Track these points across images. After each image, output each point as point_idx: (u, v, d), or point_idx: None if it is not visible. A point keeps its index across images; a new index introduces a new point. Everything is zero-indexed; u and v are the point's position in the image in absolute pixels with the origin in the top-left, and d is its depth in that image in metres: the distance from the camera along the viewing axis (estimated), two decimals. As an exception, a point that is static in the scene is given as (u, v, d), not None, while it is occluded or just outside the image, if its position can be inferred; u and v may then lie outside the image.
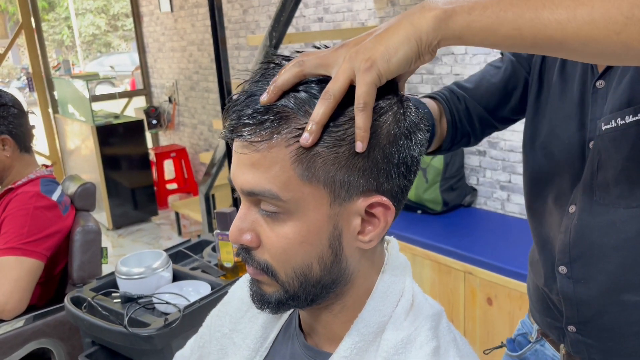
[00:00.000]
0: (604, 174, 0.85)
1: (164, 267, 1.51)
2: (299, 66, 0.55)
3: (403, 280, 0.67)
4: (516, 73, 1.02)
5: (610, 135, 0.83)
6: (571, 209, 0.91)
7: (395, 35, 0.54)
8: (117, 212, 4.71)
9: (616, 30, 0.51)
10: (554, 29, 0.53)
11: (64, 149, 5.30)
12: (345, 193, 0.57)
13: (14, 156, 1.80)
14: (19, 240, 1.67)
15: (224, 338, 0.79)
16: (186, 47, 5.16)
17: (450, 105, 1.02)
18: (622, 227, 0.86)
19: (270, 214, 0.58)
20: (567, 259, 0.92)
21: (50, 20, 16.53)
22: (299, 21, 3.72)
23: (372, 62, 0.53)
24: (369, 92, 0.53)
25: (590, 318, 0.92)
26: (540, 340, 1.06)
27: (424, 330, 0.62)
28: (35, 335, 1.68)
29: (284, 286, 0.61)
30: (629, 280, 0.87)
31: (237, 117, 0.56)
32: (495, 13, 0.54)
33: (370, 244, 0.60)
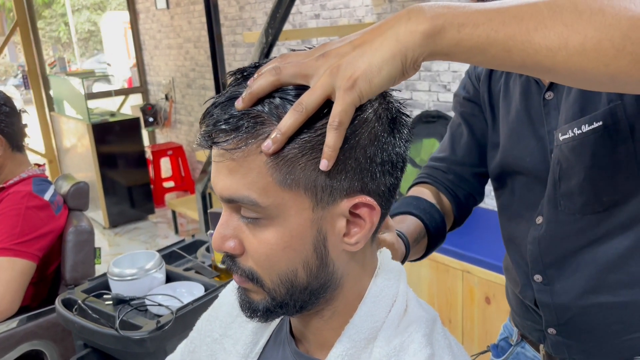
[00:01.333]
0: (567, 183, 0.85)
1: (157, 268, 1.49)
2: (275, 75, 0.52)
3: (397, 285, 0.65)
4: (477, 119, 1.04)
5: (568, 145, 0.83)
6: (538, 220, 0.91)
7: (379, 51, 0.51)
8: (113, 211, 4.68)
9: (605, 62, 0.49)
10: (544, 55, 0.50)
11: (60, 147, 5.27)
12: (328, 196, 0.55)
13: (6, 155, 1.78)
14: (11, 241, 1.65)
15: (214, 343, 0.78)
16: (182, 44, 5.13)
17: (441, 183, 1.03)
18: (591, 232, 0.86)
19: (252, 220, 0.56)
20: (541, 267, 0.93)
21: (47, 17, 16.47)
22: (296, 18, 3.70)
23: (353, 81, 0.50)
24: (346, 112, 0.51)
25: (569, 320, 0.92)
26: (520, 342, 1.07)
27: (418, 337, 0.60)
28: (28, 337, 1.66)
29: (271, 293, 0.59)
30: (604, 281, 0.88)
31: (212, 124, 0.55)
32: (486, 32, 0.50)
33: (356, 246, 0.59)
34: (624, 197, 0.83)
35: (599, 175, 0.82)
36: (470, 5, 0.51)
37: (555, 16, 0.49)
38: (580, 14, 0.49)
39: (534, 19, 0.49)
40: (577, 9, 0.49)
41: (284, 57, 0.54)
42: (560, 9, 0.49)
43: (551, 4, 0.50)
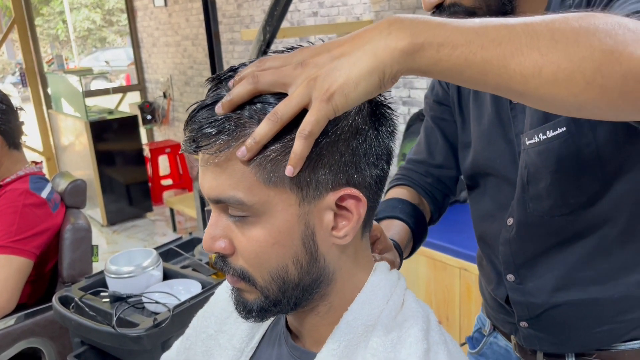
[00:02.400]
0: (535, 187, 0.87)
1: (154, 265, 1.49)
2: (253, 83, 0.53)
3: (395, 282, 0.66)
4: (447, 123, 1.06)
5: (535, 150, 0.85)
6: (509, 221, 0.93)
7: (357, 65, 0.50)
8: (111, 209, 4.68)
9: (575, 92, 0.49)
10: (517, 81, 0.50)
11: (58, 144, 5.27)
12: (313, 191, 0.56)
13: (3, 153, 1.78)
14: (8, 239, 1.65)
15: (209, 339, 0.78)
16: (180, 41, 5.12)
17: (420, 185, 1.07)
18: (560, 233, 0.89)
19: (240, 219, 0.57)
20: (513, 268, 0.96)
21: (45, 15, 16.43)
22: (294, 15, 3.69)
23: (330, 94, 0.50)
24: (318, 123, 0.51)
25: (540, 315, 0.95)
26: (493, 332, 1.11)
27: (415, 331, 0.60)
28: (25, 334, 1.65)
29: (264, 292, 0.60)
30: (574, 279, 0.91)
31: (196, 129, 0.56)
32: (464, 54, 0.50)
33: (345, 239, 0.59)
34: (589, 199, 0.85)
35: (565, 178, 0.85)
36: (450, 22, 0.51)
37: (532, 43, 0.49)
38: (556, 43, 0.49)
39: (511, 44, 0.49)
40: (553, 38, 0.49)
41: (262, 62, 0.54)
42: (537, 36, 0.49)
43: (529, 29, 0.49)
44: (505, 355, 1.08)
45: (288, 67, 0.52)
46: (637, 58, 0.48)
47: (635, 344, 0.91)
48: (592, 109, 0.51)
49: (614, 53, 0.48)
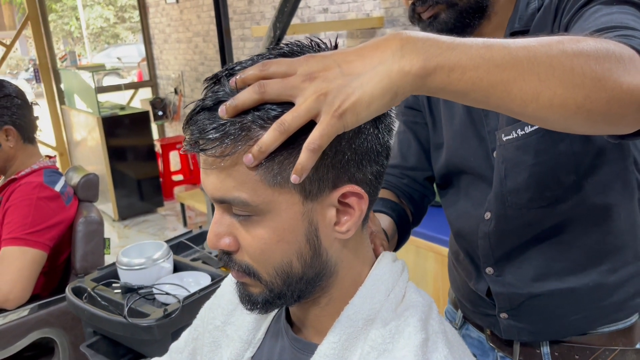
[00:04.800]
0: (514, 180, 0.91)
1: (164, 258, 1.51)
2: (260, 94, 0.53)
3: (398, 274, 0.67)
4: (419, 126, 1.09)
5: (513, 145, 0.89)
6: (487, 215, 0.96)
7: (369, 85, 0.51)
8: (123, 203, 4.73)
9: (566, 116, 0.54)
10: (517, 104, 0.53)
11: (71, 140, 5.32)
12: (316, 189, 0.58)
13: (18, 147, 1.81)
14: (22, 231, 1.68)
15: (216, 330, 0.80)
16: (192, 38, 5.15)
17: (397, 187, 1.09)
18: (537, 225, 0.93)
19: (244, 217, 0.59)
20: (492, 261, 0.98)
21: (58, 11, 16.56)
22: (304, 12, 3.70)
23: (342, 111, 0.51)
24: (328, 138, 0.52)
25: (521, 305, 0.98)
26: (464, 324, 1.14)
27: (413, 321, 0.62)
28: (39, 324, 1.69)
29: (268, 286, 0.62)
30: (551, 269, 0.95)
31: (198, 132, 0.56)
32: (472, 79, 0.52)
33: (347, 234, 0.61)
34: (564, 192, 0.89)
35: (543, 171, 0.89)
36: (458, 45, 0.52)
37: (532, 69, 0.52)
38: (553, 70, 0.52)
39: (514, 70, 0.52)
40: (551, 65, 0.52)
41: (266, 65, 0.54)
42: (538, 62, 0.52)
43: (530, 56, 0.52)
44: (478, 346, 1.11)
45: (296, 78, 0.52)
46: (619, 85, 0.53)
47: (605, 328, 0.95)
48: (577, 128, 0.57)
49: (601, 80, 0.52)
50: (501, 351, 1.05)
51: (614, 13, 0.69)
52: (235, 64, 0.60)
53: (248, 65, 0.57)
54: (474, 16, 0.86)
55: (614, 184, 0.90)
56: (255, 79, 0.54)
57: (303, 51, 0.59)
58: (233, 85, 0.56)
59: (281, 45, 0.61)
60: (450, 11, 0.85)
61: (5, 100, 1.78)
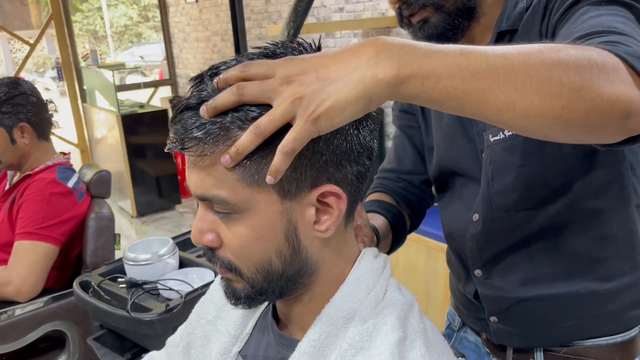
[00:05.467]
0: (501, 181, 0.90)
1: (170, 254, 1.54)
2: (238, 95, 0.54)
3: (379, 272, 0.68)
4: (414, 130, 1.09)
5: (500, 146, 0.88)
6: (475, 217, 0.95)
7: (343, 91, 0.52)
8: (141, 200, 4.79)
9: (543, 125, 0.54)
10: (492, 113, 0.53)
11: (92, 137, 5.42)
12: (295, 189, 0.58)
13: (32, 143, 1.85)
14: (35, 225, 1.72)
15: (208, 325, 0.81)
16: (210, 37, 5.20)
17: (394, 191, 1.09)
18: (525, 227, 0.91)
19: (225, 215, 0.60)
20: (480, 263, 0.97)
21: (84, 11, 16.85)
22: (320, 11, 3.71)
23: (316, 116, 0.52)
24: (301, 142, 0.53)
25: (509, 308, 0.97)
26: (462, 327, 1.13)
27: (391, 319, 0.62)
28: (50, 317, 1.73)
29: (250, 282, 0.63)
30: (540, 274, 0.93)
31: (181, 131, 0.57)
32: (446, 88, 0.52)
33: (327, 233, 0.61)
34: (553, 194, 0.88)
35: (530, 173, 0.87)
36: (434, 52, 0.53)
37: (509, 78, 0.52)
38: (530, 80, 0.52)
39: (490, 79, 0.52)
40: (528, 74, 0.52)
41: (246, 66, 0.55)
42: (515, 72, 0.52)
43: (507, 65, 0.52)
44: (475, 350, 1.10)
45: (274, 81, 0.53)
46: (599, 96, 0.52)
47: (602, 340, 0.92)
48: (556, 137, 0.57)
49: (580, 91, 0.52)
50: (495, 356, 1.04)
51: (602, 15, 0.67)
52: (221, 64, 0.61)
53: (232, 66, 0.58)
54: (463, 17, 0.86)
55: (606, 189, 0.88)
56: (236, 79, 0.55)
57: (286, 52, 0.60)
58: (215, 85, 0.57)
59: (265, 45, 0.62)
60: (438, 14, 0.85)
61: (20, 98, 1.82)
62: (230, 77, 0.56)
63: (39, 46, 15.81)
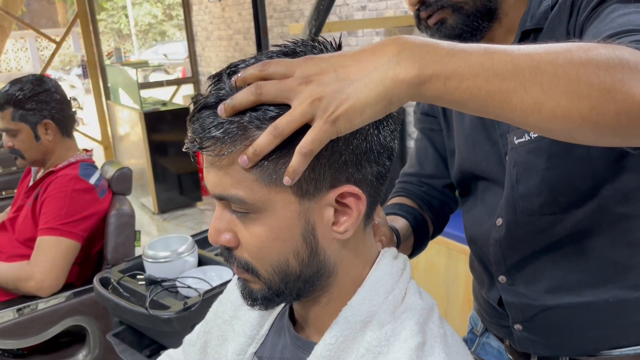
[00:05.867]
0: (525, 185, 0.87)
1: (189, 251, 1.54)
2: (256, 95, 0.53)
3: (399, 275, 0.66)
4: (436, 133, 1.06)
5: (525, 148, 0.86)
6: (498, 221, 0.93)
7: (363, 92, 0.51)
8: (163, 197, 4.82)
9: (570, 127, 0.51)
10: (517, 115, 0.51)
11: (115, 134, 5.48)
12: (313, 189, 0.57)
13: (56, 140, 1.88)
14: (57, 221, 1.74)
15: (224, 324, 0.81)
16: (232, 35, 5.22)
17: (416, 195, 1.07)
18: (550, 232, 0.88)
19: (242, 214, 0.59)
20: (504, 269, 0.95)
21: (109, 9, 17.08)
22: (342, 9, 3.70)
23: (335, 117, 0.51)
24: (320, 143, 0.52)
25: (534, 317, 0.94)
26: (485, 332, 1.10)
27: (410, 324, 0.61)
28: (71, 312, 1.75)
29: (267, 283, 0.62)
30: (566, 282, 0.90)
31: (199, 131, 0.57)
32: (469, 88, 0.50)
33: (346, 235, 0.60)
34: (580, 198, 0.85)
35: (556, 176, 0.84)
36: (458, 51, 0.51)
37: (535, 79, 0.50)
38: (557, 80, 0.50)
39: (515, 80, 0.50)
40: (555, 74, 0.50)
41: (265, 65, 0.54)
42: (541, 72, 0.50)
43: (533, 64, 0.50)
44: (497, 356, 1.07)
45: (292, 81, 0.52)
46: (631, 97, 0.49)
47: (630, 350, 0.89)
48: (584, 139, 0.54)
49: (610, 92, 0.49)
50: None
51: (631, 13, 0.65)
52: (240, 62, 0.60)
53: (251, 64, 0.57)
54: (483, 19, 0.84)
55: (636, 194, 0.84)
56: (255, 78, 0.54)
57: (306, 50, 0.59)
58: (233, 84, 0.56)
59: (285, 43, 0.61)
60: (456, 16, 0.83)
61: (44, 95, 1.85)
62: (248, 76, 0.55)
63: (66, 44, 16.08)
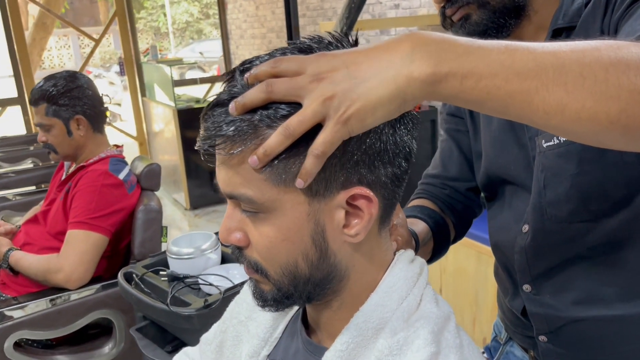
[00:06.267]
0: (554, 191, 0.83)
1: (212, 249, 1.54)
2: (267, 93, 0.52)
3: (414, 280, 0.64)
4: (462, 134, 1.03)
5: (554, 152, 0.82)
6: (524, 228, 0.89)
7: (376, 90, 0.49)
8: (195, 193, 4.88)
9: (596, 131, 0.48)
10: (539, 117, 0.48)
11: (150, 130, 5.58)
12: (324, 190, 0.56)
13: (88, 135, 1.91)
14: (87, 215, 1.78)
15: (240, 325, 0.80)
16: (266, 34, 5.24)
17: (439, 197, 1.04)
18: (580, 242, 0.84)
19: (252, 214, 0.58)
20: (529, 278, 0.91)
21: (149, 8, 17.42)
22: (375, 7, 3.66)
23: (347, 117, 0.49)
24: (332, 144, 0.51)
25: (561, 329, 0.90)
26: (509, 341, 1.06)
27: (424, 333, 0.58)
28: (98, 305, 1.78)
29: (277, 285, 0.61)
30: (597, 294, 0.85)
31: (210, 129, 0.56)
32: (487, 88, 0.48)
33: (357, 238, 0.58)
34: (613, 206, 0.81)
35: (587, 182, 0.80)
36: (476, 48, 0.49)
37: (559, 79, 0.47)
38: (583, 80, 0.47)
39: (537, 79, 0.47)
40: (581, 74, 0.47)
41: (277, 62, 0.53)
42: (566, 71, 0.47)
43: (558, 63, 0.47)
44: None
45: (303, 78, 0.51)
46: None
47: None
48: (612, 144, 0.51)
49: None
50: None
51: None
52: (254, 58, 0.59)
53: (265, 61, 0.56)
54: (510, 16, 0.80)
55: None
56: (267, 75, 0.53)
57: (320, 47, 0.58)
58: (246, 82, 0.55)
59: (302, 40, 0.59)
60: (481, 11, 0.80)
61: (77, 92, 1.88)
62: (260, 73, 0.53)
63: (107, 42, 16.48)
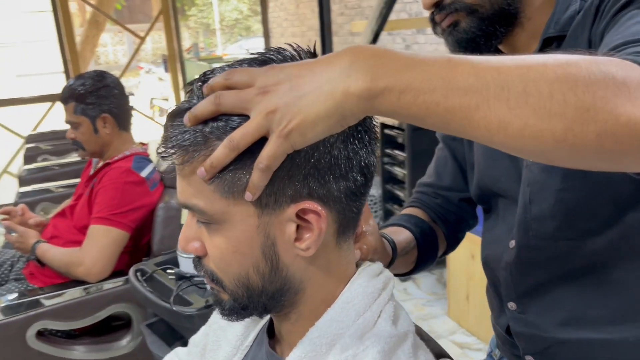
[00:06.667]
0: (539, 206, 0.81)
1: (221, 249, 1.55)
2: (215, 105, 0.53)
3: (375, 296, 0.62)
4: (457, 143, 1.00)
5: (538, 166, 0.80)
6: (511, 244, 0.87)
7: (314, 105, 0.49)
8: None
9: (542, 150, 0.46)
10: (481, 134, 0.46)
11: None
12: (273, 203, 0.56)
13: (113, 133, 1.97)
14: (109, 211, 1.83)
15: (220, 330, 0.81)
16: (305, 32, 5.26)
17: (431, 207, 1.02)
18: (566, 260, 0.80)
19: (205, 224, 0.59)
20: (514, 295, 0.87)
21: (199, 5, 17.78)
22: (412, 7, 3.61)
23: (288, 131, 0.49)
24: (276, 158, 0.51)
25: (546, 350, 0.87)
26: (502, 358, 1.02)
27: (373, 352, 0.57)
28: (117, 299, 1.83)
29: (232, 295, 0.61)
30: (584, 316, 0.83)
31: (165, 139, 0.57)
32: (426, 103, 0.46)
33: (308, 252, 0.58)
34: (600, 224, 0.78)
35: (572, 198, 0.78)
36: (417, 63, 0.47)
37: (500, 95, 0.45)
38: (527, 97, 0.44)
39: (477, 95, 0.45)
40: (525, 90, 0.44)
41: (230, 74, 0.53)
42: (508, 87, 0.45)
43: (500, 79, 0.45)
44: None
45: (251, 91, 0.51)
46: (615, 117, 0.43)
47: None
48: (563, 163, 0.49)
49: (589, 111, 0.43)
50: None
51: None
52: (216, 69, 0.60)
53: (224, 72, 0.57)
54: (500, 24, 0.77)
55: None
56: (220, 87, 0.54)
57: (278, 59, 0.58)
58: (201, 93, 0.56)
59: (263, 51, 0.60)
60: (470, 19, 0.77)
61: (104, 90, 1.94)
62: (215, 84, 0.54)
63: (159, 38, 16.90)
